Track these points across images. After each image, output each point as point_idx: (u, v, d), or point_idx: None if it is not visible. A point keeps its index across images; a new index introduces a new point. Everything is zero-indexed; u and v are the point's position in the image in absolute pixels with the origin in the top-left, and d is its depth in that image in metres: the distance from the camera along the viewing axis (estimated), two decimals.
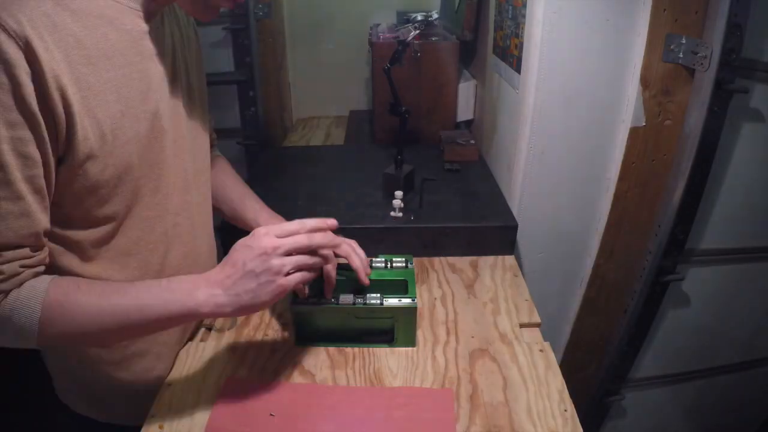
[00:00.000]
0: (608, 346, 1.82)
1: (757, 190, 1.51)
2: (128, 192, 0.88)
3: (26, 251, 0.77)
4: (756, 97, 1.36)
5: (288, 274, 0.86)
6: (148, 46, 0.88)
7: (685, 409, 2.02)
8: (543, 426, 0.93)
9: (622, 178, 1.49)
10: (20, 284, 0.77)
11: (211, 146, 1.30)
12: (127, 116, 0.83)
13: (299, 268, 0.88)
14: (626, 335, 1.70)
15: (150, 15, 0.88)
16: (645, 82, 1.37)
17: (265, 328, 1.19)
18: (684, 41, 1.30)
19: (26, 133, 0.71)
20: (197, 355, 1.10)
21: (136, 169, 0.87)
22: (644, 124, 1.42)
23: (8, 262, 0.75)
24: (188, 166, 1.03)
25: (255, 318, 1.22)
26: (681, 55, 1.32)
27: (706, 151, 1.36)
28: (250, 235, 0.87)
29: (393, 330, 1.10)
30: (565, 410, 0.96)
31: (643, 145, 1.44)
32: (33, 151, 0.72)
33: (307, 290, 1.06)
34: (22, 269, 0.77)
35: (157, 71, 0.91)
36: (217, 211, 1.24)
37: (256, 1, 2.33)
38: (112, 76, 0.80)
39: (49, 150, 0.74)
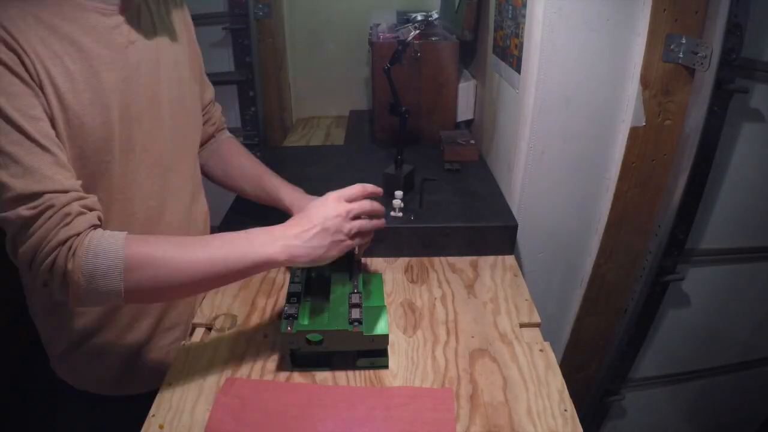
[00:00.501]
0: (608, 346, 1.82)
1: (757, 190, 1.51)
2: (96, 174, 0.94)
3: (76, 193, 0.83)
4: (756, 97, 1.36)
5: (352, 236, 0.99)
6: (119, 38, 0.95)
7: (685, 409, 2.02)
8: (543, 426, 0.93)
9: (622, 178, 1.49)
10: (89, 225, 0.83)
11: (220, 129, 1.40)
12: (94, 104, 0.90)
13: (360, 231, 1.01)
14: (626, 335, 1.70)
15: (121, 8, 0.95)
16: (645, 81, 1.37)
17: (265, 328, 1.18)
18: (684, 41, 1.30)
19: (31, 100, 0.80)
20: (197, 355, 1.10)
21: (105, 153, 0.93)
22: (644, 124, 1.42)
23: (67, 204, 0.81)
24: (165, 152, 1.08)
25: (255, 318, 1.22)
26: (681, 55, 1.32)
27: (706, 151, 1.36)
28: (325, 197, 1.00)
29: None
30: (565, 410, 0.96)
31: (643, 145, 1.44)
32: (40, 113, 0.81)
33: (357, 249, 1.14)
34: (83, 209, 0.82)
35: (130, 61, 0.96)
36: (238, 190, 1.37)
37: (256, 1, 2.33)
38: (78, 68, 0.87)
39: (51, 112, 0.83)
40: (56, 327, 1.08)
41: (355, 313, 1.02)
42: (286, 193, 1.29)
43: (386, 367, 1.06)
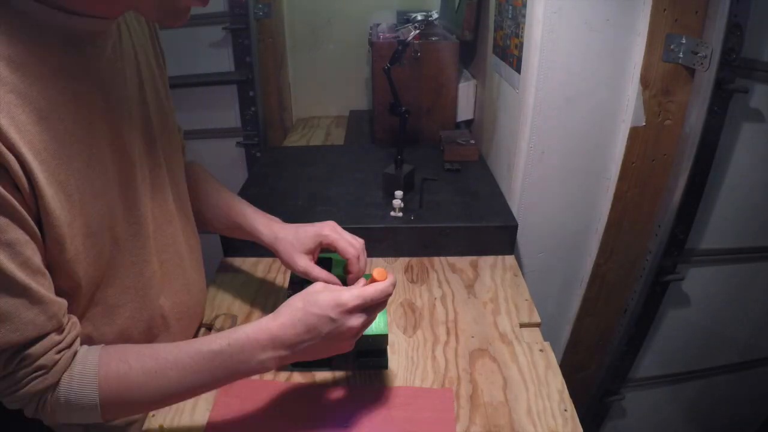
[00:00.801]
0: (608, 346, 1.82)
1: (757, 190, 1.51)
2: (105, 246, 0.81)
3: (53, 337, 0.72)
4: (756, 97, 1.36)
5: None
6: (105, 75, 0.79)
7: (685, 409, 2.02)
8: (543, 426, 0.94)
9: (622, 178, 1.49)
10: (64, 369, 0.74)
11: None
12: (92, 165, 0.75)
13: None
14: (626, 335, 1.70)
15: (100, 35, 0.77)
16: (645, 81, 1.37)
17: None
18: (684, 41, 1.30)
19: (2, 220, 0.63)
20: None
21: (109, 218, 0.80)
22: (644, 123, 1.41)
23: (43, 354, 0.71)
24: (168, 195, 0.97)
25: (255, 318, 1.22)
26: (681, 55, 1.32)
27: (706, 151, 1.36)
28: (336, 305, 0.80)
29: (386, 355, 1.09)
30: (565, 410, 0.97)
31: (643, 145, 1.44)
32: (16, 235, 0.65)
33: None
34: (59, 355, 0.73)
35: (120, 101, 0.82)
36: (205, 223, 1.18)
37: (256, 0, 2.33)
38: (68, 126, 0.70)
39: (32, 226, 0.67)
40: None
41: None
42: (264, 225, 1.12)
43: (386, 367, 1.06)
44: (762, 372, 1.91)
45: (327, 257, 1.13)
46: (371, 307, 0.83)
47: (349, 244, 1.03)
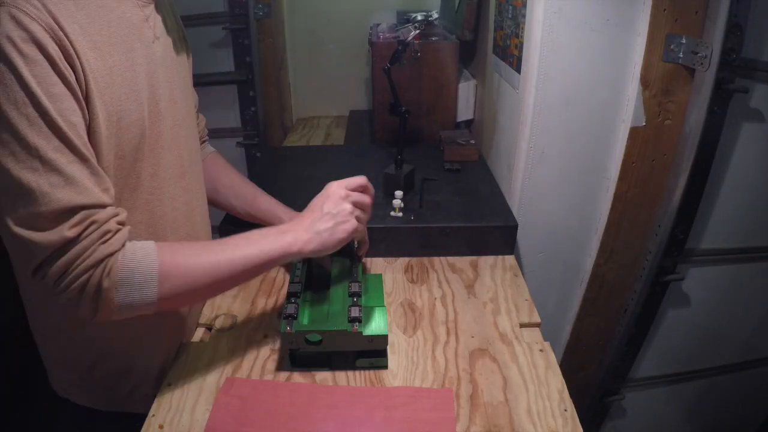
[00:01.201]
0: (608, 346, 1.82)
1: (757, 190, 1.51)
2: (130, 175, 0.92)
3: (112, 209, 0.83)
4: (756, 96, 1.37)
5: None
6: (148, 32, 0.94)
7: (685, 409, 2.02)
8: (543, 426, 0.93)
9: (622, 178, 1.49)
10: (125, 239, 0.83)
11: (203, 140, 1.38)
12: (130, 99, 0.88)
13: (358, 220, 1.03)
14: (626, 335, 1.70)
15: (144, 4, 0.94)
16: (645, 81, 1.37)
17: (265, 328, 1.18)
18: (684, 41, 1.30)
19: (71, 103, 0.76)
20: (197, 354, 1.10)
21: (137, 151, 0.92)
22: (644, 123, 1.42)
23: (107, 220, 0.80)
24: (183, 152, 1.08)
25: (254, 318, 1.22)
26: (681, 55, 1.32)
27: (706, 151, 1.36)
28: (326, 188, 1.04)
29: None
30: (565, 410, 0.97)
31: (643, 145, 1.44)
32: (79, 120, 0.78)
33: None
34: (119, 226, 0.83)
35: (156, 56, 0.96)
36: (227, 208, 1.35)
37: (257, 1, 2.33)
38: (116, 61, 0.85)
39: (88, 118, 0.80)
40: (68, 347, 1.06)
41: (354, 312, 1.02)
42: (284, 213, 1.29)
43: (385, 367, 1.06)
44: (762, 372, 1.91)
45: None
46: (352, 187, 1.05)
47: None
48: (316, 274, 1.17)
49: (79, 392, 1.09)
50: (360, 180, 1.07)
